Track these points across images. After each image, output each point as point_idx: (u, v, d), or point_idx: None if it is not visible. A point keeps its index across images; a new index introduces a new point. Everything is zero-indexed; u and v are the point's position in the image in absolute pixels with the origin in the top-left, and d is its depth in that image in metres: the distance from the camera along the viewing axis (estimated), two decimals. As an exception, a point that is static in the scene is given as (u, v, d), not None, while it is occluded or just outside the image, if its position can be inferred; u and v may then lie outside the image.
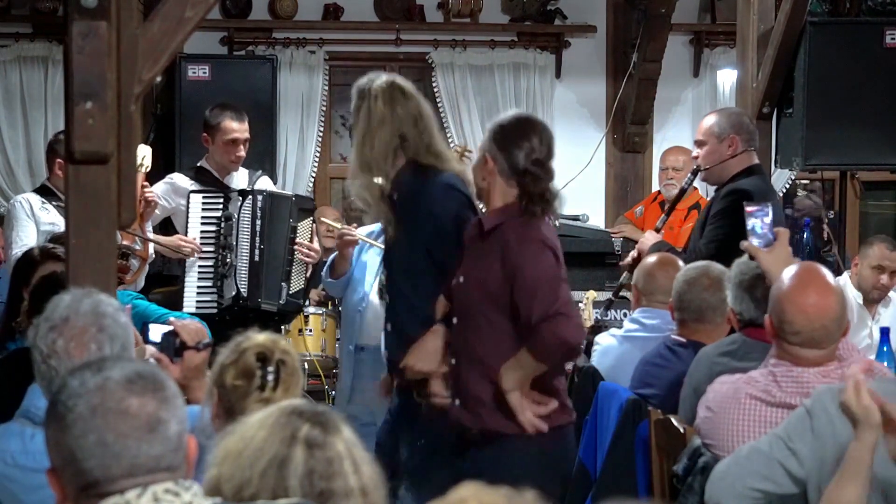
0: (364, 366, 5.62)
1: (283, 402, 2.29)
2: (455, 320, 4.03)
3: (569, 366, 5.49)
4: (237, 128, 5.99)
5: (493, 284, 3.89)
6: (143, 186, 5.52)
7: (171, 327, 3.47)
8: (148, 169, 5.60)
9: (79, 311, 2.89)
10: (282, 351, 2.99)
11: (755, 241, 3.92)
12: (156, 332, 3.45)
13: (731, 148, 5.16)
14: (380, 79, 4.33)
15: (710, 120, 5.28)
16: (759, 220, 3.96)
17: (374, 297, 5.48)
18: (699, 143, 5.25)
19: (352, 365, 5.73)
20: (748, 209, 4.03)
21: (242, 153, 6.03)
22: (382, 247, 5.09)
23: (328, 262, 5.82)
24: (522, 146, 3.91)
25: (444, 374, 4.08)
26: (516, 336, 3.85)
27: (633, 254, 5.35)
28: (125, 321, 2.96)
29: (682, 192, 5.67)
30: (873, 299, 6.29)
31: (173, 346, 3.43)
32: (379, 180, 4.20)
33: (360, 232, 5.71)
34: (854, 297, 6.18)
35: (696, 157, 5.27)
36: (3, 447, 2.99)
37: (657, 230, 5.43)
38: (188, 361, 3.43)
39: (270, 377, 2.95)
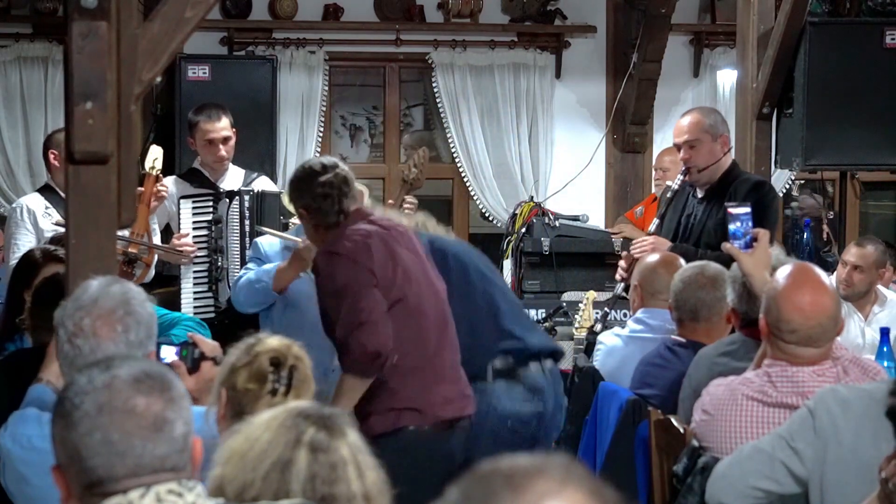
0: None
1: (290, 404, 2.29)
2: None
3: (568, 365, 5.50)
4: (212, 127, 5.95)
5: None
6: (155, 184, 5.51)
7: (174, 352, 3.45)
8: (160, 171, 5.58)
9: (108, 294, 2.92)
10: (294, 356, 2.99)
11: (736, 244, 3.95)
12: (168, 352, 3.43)
13: (723, 146, 5.14)
14: None
15: (698, 119, 5.23)
16: (740, 223, 3.98)
17: None
18: (690, 144, 5.19)
19: (319, 386, 5.18)
20: (731, 211, 4.04)
21: (223, 153, 5.97)
22: None
23: (269, 270, 5.06)
24: (305, 192, 4.17)
25: None
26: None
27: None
28: (152, 310, 2.98)
29: (675, 194, 5.59)
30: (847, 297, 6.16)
31: (192, 355, 3.42)
32: None
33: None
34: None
35: (688, 159, 5.20)
36: (19, 432, 3.00)
37: (650, 234, 5.39)
38: (205, 373, 3.41)
39: (283, 383, 2.94)
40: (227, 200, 5.75)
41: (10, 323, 4.28)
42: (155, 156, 5.50)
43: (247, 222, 5.71)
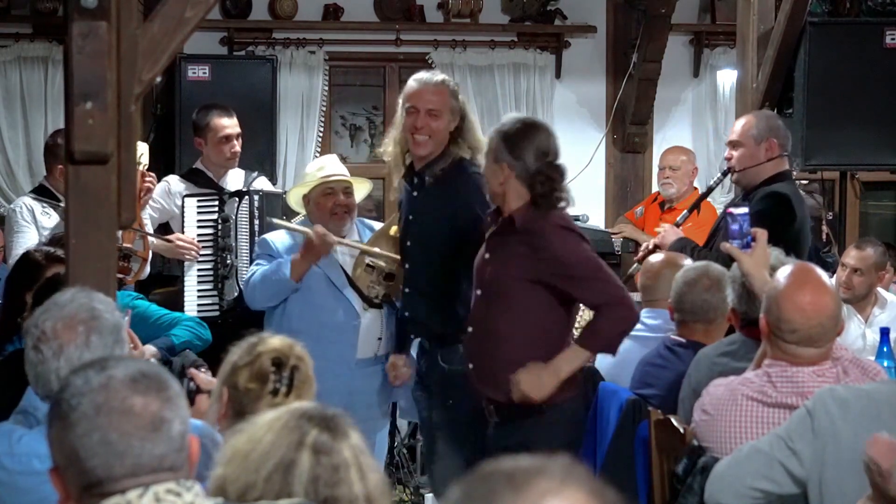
0: (359, 380, 5.08)
1: (293, 405, 2.29)
2: (479, 293, 4.35)
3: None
4: (228, 124, 6.00)
5: (520, 270, 4.20)
6: (142, 179, 5.53)
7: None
8: (146, 167, 5.60)
9: (74, 300, 2.92)
10: (296, 357, 2.99)
11: (735, 244, 3.96)
12: None
13: (768, 151, 5.09)
14: None
15: (747, 122, 5.19)
16: (740, 223, 4.00)
17: (359, 309, 5.08)
18: (734, 145, 5.15)
19: (345, 381, 5.00)
20: (731, 212, 4.06)
21: (237, 148, 6.04)
22: (362, 247, 5.06)
23: (284, 262, 5.05)
24: (531, 149, 4.24)
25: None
26: (542, 314, 4.21)
27: (650, 245, 5.27)
28: (120, 318, 2.96)
29: (710, 190, 5.62)
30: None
31: (187, 388, 3.44)
32: None
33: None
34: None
35: (730, 159, 5.18)
36: None
37: (677, 226, 5.37)
38: (200, 406, 3.42)
39: (284, 383, 2.94)
40: (237, 200, 5.80)
41: (9, 323, 4.28)
42: (140, 151, 5.52)
43: (256, 221, 5.76)
